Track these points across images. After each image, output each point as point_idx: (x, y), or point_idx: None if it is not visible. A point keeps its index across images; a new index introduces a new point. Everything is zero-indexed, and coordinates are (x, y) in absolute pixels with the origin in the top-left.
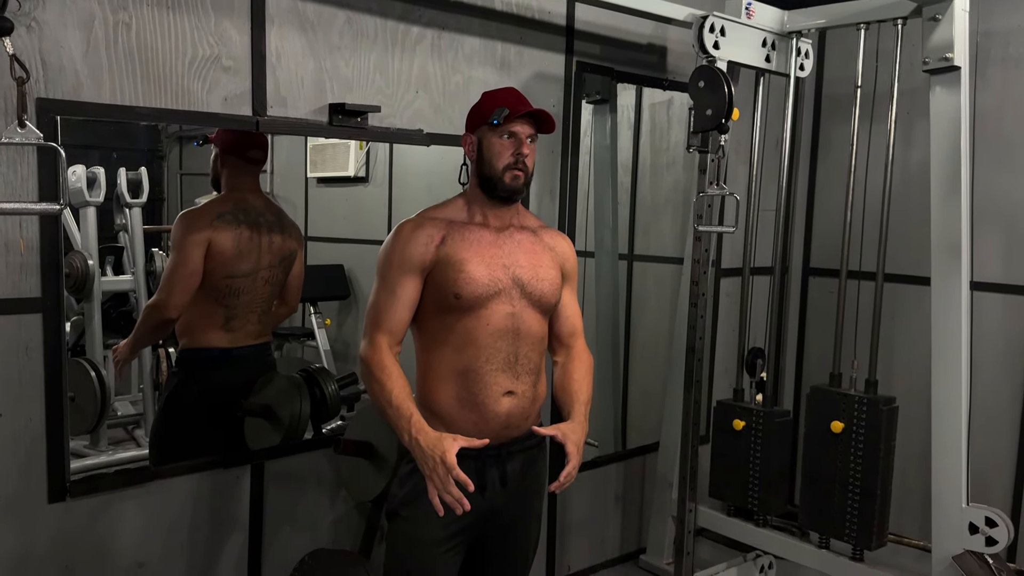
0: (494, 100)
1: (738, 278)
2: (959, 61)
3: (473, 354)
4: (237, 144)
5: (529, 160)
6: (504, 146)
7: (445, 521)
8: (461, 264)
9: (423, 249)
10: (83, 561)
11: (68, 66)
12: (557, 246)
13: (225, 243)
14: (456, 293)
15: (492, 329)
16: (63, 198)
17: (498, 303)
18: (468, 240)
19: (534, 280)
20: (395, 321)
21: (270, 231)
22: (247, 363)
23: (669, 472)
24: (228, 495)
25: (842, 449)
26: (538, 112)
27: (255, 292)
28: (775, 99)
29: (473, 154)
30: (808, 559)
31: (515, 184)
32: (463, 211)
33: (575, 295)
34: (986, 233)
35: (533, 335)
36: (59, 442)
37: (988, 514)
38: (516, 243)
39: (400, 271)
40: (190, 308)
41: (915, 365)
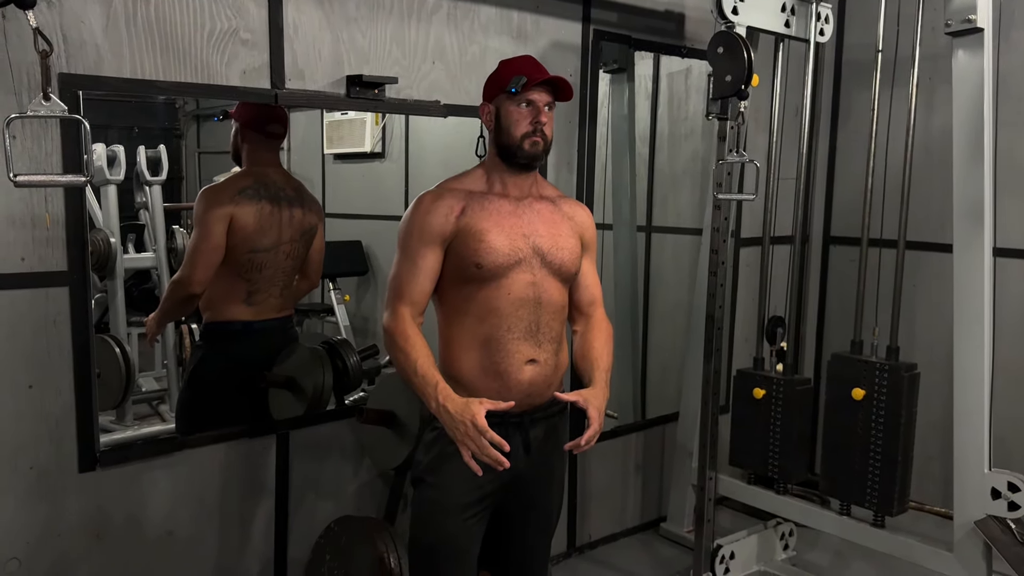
0: (511, 68)
1: (758, 248)
2: (982, 23)
3: (495, 323)
4: (257, 118)
5: (547, 128)
6: (522, 114)
7: (470, 487)
8: (482, 234)
9: (443, 220)
10: (113, 529)
11: (89, 41)
12: (576, 215)
13: (247, 218)
14: (477, 263)
15: (513, 298)
16: (88, 170)
17: (519, 272)
18: (488, 210)
19: (554, 249)
20: (417, 292)
21: (291, 206)
22: (269, 336)
23: (689, 441)
24: (255, 464)
25: (863, 416)
26: (556, 79)
27: (277, 266)
28: (795, 65)
29: (491, 123)
30: (829, 526)
31: (534, 151)
32: (482, 181)
33: (594, 264)
34: (1009, 199)
35: (554, 304)
36: (88, 412)
37: (1011, 479)
38: (535, 212)
39: (421, 242)
40: (213, 282)
41: (936, 332)
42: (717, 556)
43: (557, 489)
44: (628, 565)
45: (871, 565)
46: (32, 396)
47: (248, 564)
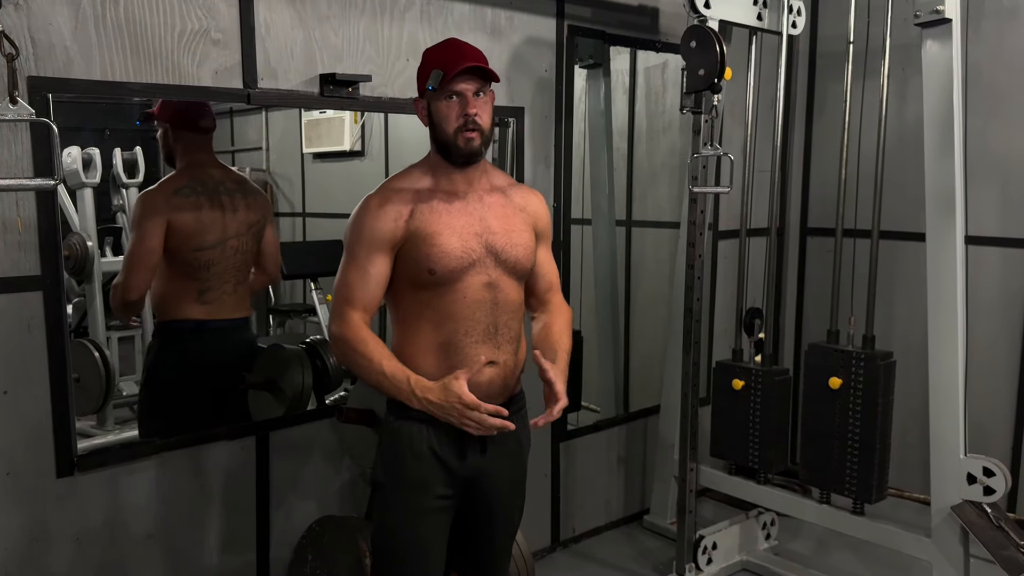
0: (432, 60)
1: (735, 240)
2: (950, 13)
3: (452, 328)
4: (185, 116)
5: (482, 117)
6: (451, 107)
7: (430, 489)
8: (433, 238)
9: (392, 225)
10: (93, 533)
11: (58, 43)
12: (528, 205)
13: (185, 218)
14: (430, 268)
15: (470, 301)
16: (58, 173)
17: (474, 274)
18: (437, 211)
19: (508, 246)
20: (368, 298)
21: (232, 199)
22: (224, 337)
23: (670, 433)
24: (235, 466)
25: (841, 405)
26: (477, 67)
27: (226, 263)
28: (768, 58)
29: (426, 120)
30: (810, 514)
31: (470, 147)
32: (428, 179)
33: (550, 251)
34: (982, 187)
35: (511, 303)
36: (65, 417)
37: (986, 464)
38: (487, 208)
39: (370, 248)
40: (163, 284)
41: (914, 321)
42: (700, 547)
43: (518, 489)
44: (612, 558)
45: (852, 552)
46: (7, 402)
47: (230, 566)
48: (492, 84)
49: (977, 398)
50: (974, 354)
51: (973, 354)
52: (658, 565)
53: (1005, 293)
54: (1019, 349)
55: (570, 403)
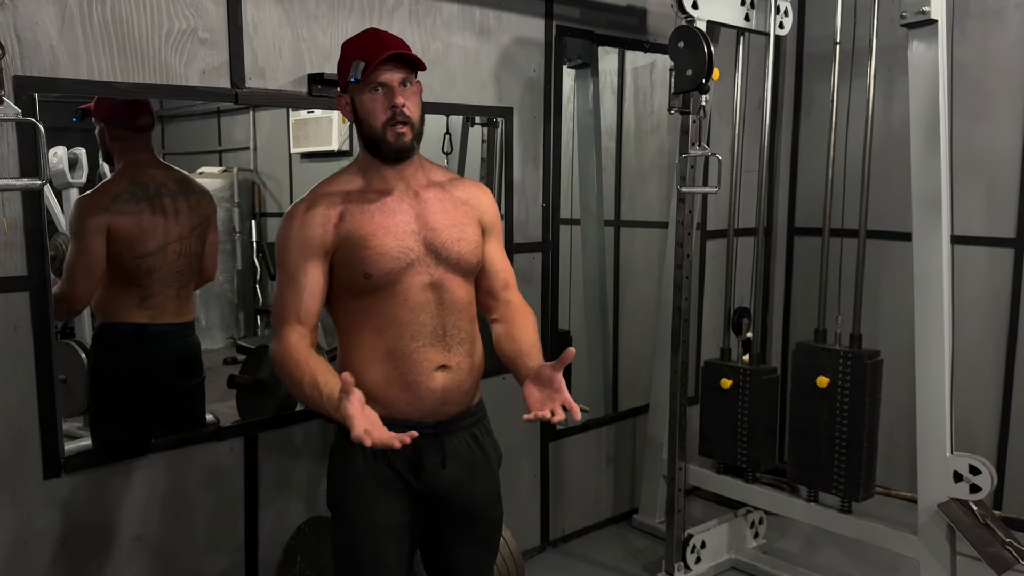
0: (352, 51)
1: (723, 240)
2: (936, 14)
3: (396, 333)
4: (122, 113)
5: (410, 108)
6: (376, 101)
7: (386, 505)
8: (366, 240)
9: (321, 231)
10: (80, 535)
11: (44, 43)
12: (472, 198)
13: (126, 225)
14: (365, 272)
15: (412, 303)
16: (44, 173)
17: (414, 275)
18: (369, 211)
19: (449, 242)
20: (303, 312)
21: (175, 201)
22: (165, 342)
23: (659, 433)
24: (223, 467)
25: (828, 403)
26: (400, 54)
27: (169, 267)
28: (756, 59)
29: (350, 116)
30: (797, 513)
31: (400, 142)
32: (358, 179)
33: (502, 246)
34: (968, 187)
35: (459, 302)
36: (52, 418)
37: (972, 462)
38: (424, 203)
39: (300, 258)
40: (104, 290)
41: (901, 320)
42: (688, 545)
43: (490, 504)
44: (602, 557)
45: (840, 550)
46: None
47: (218, 566)
48: (419, 74)
49: (963, 396)
50: (960, 353)
51: (959, 353)
52: (647, 564)
53: (990, 292)
54: (1004, 348)
55: None
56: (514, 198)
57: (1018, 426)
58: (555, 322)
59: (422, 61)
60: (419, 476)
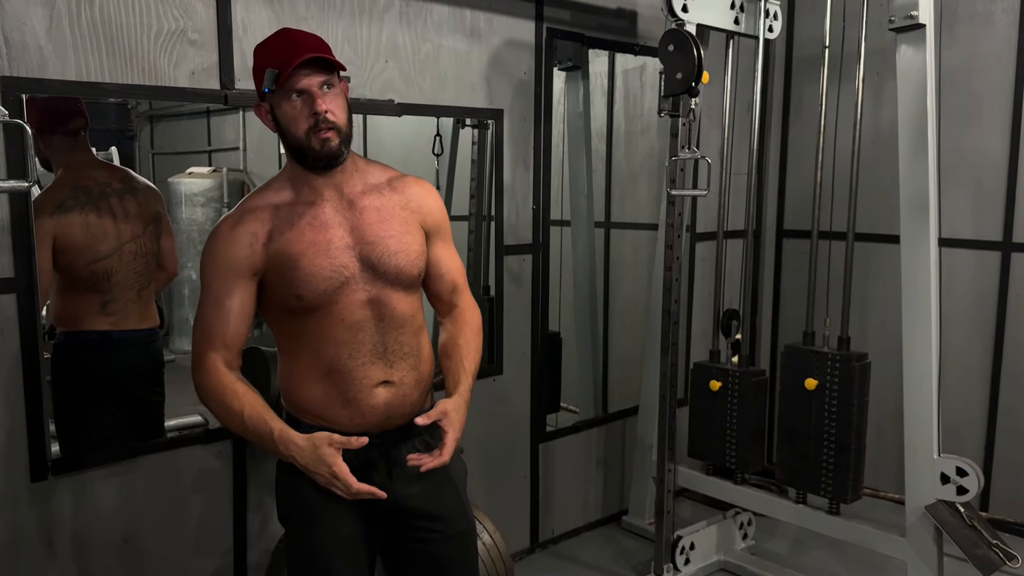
0: (264, 58)
1: (713, 242)
2: (924, 19)
3: (334, 352)
4: (54, 118)
5: (334, 113)
6: (295, 108)
7: (335, 518)
8: (296, 260)
9: (248, 251)
10: (68, 538)
11: (32, 43)
12: (412, 200)
13: (73, 233)
14: (297, 294)
15: (349, 323)
16: (32, 175)
17: (349, 293)
18: (299, 228)
19: (386, 255)
20: (229, 336)
21: (122, 201)
22: (129, 348)
23: (649, 434)
24: (211, 470)
25: (816, 406)
26: (317, 57)
27: (127, 269)
28: (746, 62)
29: (271, 125)
30: (786, 514)
31: (327, 149)
32: (287, 191)
33: (450, 245)
34: (955, 190)
35: (399, 318)
36: (39, 421)
37: (959, 464)
38: (359, 214)
39: (226, 279)
40: (62, 298)
41: (889, 322)
42: (678, 547)
43: (454, 509)
44: (591, 558)
45: (828, 552)
46: None
47: (207, 570)
48: (342, 72)
49: (950, 399)
50: (948, 355)
51: (947, 355)
52: (637, 565)
53: (978, 295)
54: (991, 350)
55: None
56: (504, 200)
57: (1005, 428)
58: (545, 324)
59: (339, 62)
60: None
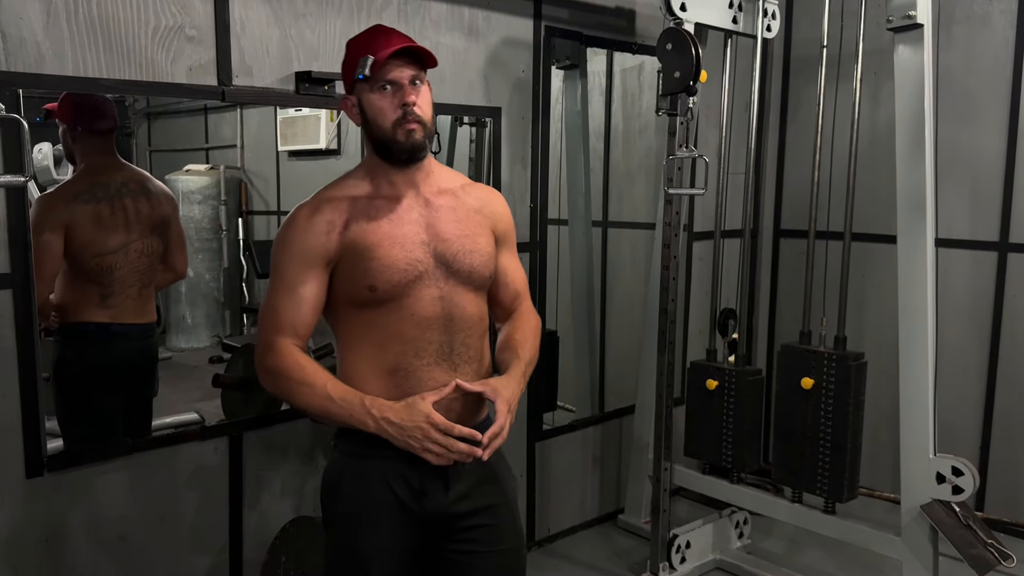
0: (357, 48)
1: (710, 242)
2: (922, 19)
3: (400, 350)
4: (85, 115)
5: (421, 107)
6: (385, 99)
7: (382, 530)
8: (371, 250)
9: (324, 239)
10: (63, 535)
11: (29, 38)
12: (485, 206)
13: (84, 224)
14: (370, 285)
15: (419, 319)
16: (28, 170)
17: (422, 288)
18: (376, 220)
19: (461, 254)
20: (299, 324)
21: (135, 201)
22: (127, 342)
23: (645, 433)
24: (208, 466)
25: (812, 405)
26: (411, 48)
27: (130, 266)
28: (743, 61)
29: (358, 119)
30: (782, 513)
31: (412, 140)
32: (366, 184)
33: (515, 255)
34: (952, 191)
35: (469, 319)
36: (34, 417)
37: (954, 463)
38: (435, 212)
39: (299, 266)
40: (65, 287)
41: (886, 322)
42: (673, 546)
43: (505, 531)
44: (587, 557)
45: (824, 551)
46: None
47: (203, 566)
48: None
49: (946, 398)
50: (944, 355)
51: (943, 355)
52: (632, 564)
53: (974, 295)
54: (987, 350)
55: (545, 403)
56: None
57: (1000, 428)
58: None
59: (434, 56)
60: (422, 499)
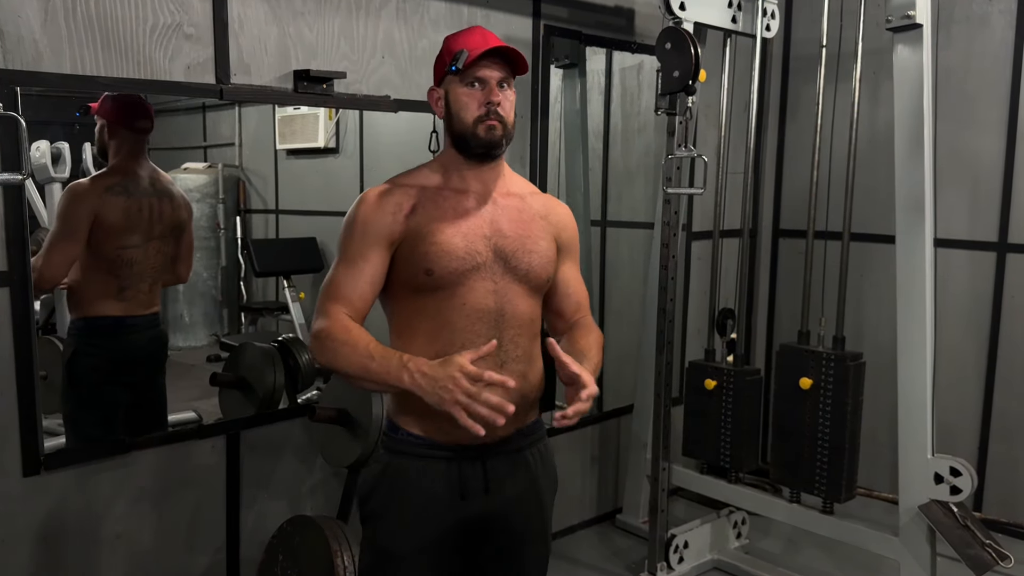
0: (455, 43)
1: (709, 241)
2: (921, 19)
3: (448, 340)
4: (125, 114)
5: (505, 108)
6: (472, 95)
7: (421, 528)
8: (433, 235)
9: (390, 219)
10: (60, 533)
11: (27, 36)
12: (551, 213)
13: (114, 215)
14: (427, 268)
15: (469, 310)
16: (26, 168)
17: (477, 279)
18: (442, 208)
19: (520, 252)
20: (355, 296)
21: (159, 201)
22: (139, 333)
23: (643, 433)
24: (205, 465)
25: (811, 405)
26: (505, 49)
27: (147, 262)
28: (742, 61)
29: (441, 110)
30: (780, 513)
31: (491, 137)
32: (438, 176)
33: (578, 267)
34: (951, 191)
35: (520, 317)
36: (32, 415)
37: (952, 464)
38: (500, 210)
39: (363, 243)
40: (84, 277)
41: (884, 322)
42: (671, 546)
43: (535, 540)
44: (585, 557)
45: (822, 551)
46: None
47: (199, 565)
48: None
49: (945, 399)
50: (942, 355)
51: (941, 355)
52: (630, 564)
53: (973, 295)
54: (986, 351)
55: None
56: None
57: (998, 428)
58: None
59: (526, 63)
60: (462, 500)
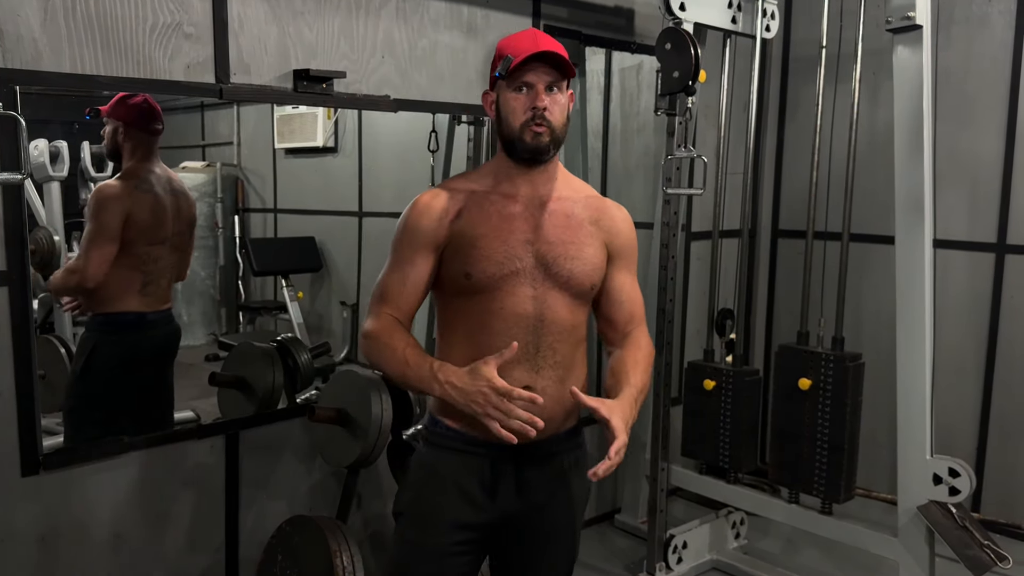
0: (504, 47)
1: (708, 242)
2: (920, 20)
3: (485, 342)
4: (141, 117)
5: (553, 113)
6: (519, 100)
7: (451, 526)
8: (475, 240)
9: (436, 224)
10: (59, 533)
11: (26, 35)
12: (603, 219)
13: (143, 213)
14: (467, 272)
15: (507, 314)
16: (25, 167)
17: (516, 285)
18: (487, 212)
19: (562, 259)
20: (403, 301)
21: (176, 199)
22: (159, 327)
23: (642, 433)
24: (204, 465)
25: (810, 405)
26: (550, 54)
27: (168, 258)
28: (742, 61)
29: (493, 114)
30: (778, 514)
31: (537, 143)
32: (489, 179)
33: (633, 276)
34: (950, 192)
35: (560, 323)
36: (30, 415)
37: (951, 465)
38: (547, 215)
39: (411, 247)
40: (111, 275)
41: (883, 323)
42: (670, 546)
43: (563, 541)
44: (583, 557)
45: (821, 551)
46: None
47: (198, 565)
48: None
49: (943, 400)
50: (941, 356)
51: (940, 356)
52: (629, 564)
53: (972, 296)
54: (985, 351)
55: None
56: None
57: (997, 429)
58: None
59: (573, 67)
60: (493, 499)
